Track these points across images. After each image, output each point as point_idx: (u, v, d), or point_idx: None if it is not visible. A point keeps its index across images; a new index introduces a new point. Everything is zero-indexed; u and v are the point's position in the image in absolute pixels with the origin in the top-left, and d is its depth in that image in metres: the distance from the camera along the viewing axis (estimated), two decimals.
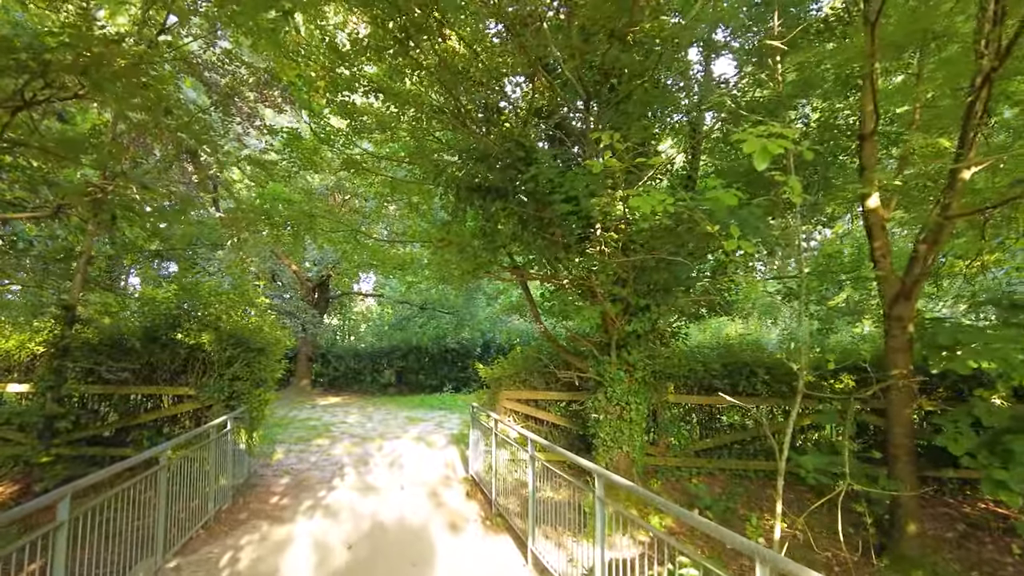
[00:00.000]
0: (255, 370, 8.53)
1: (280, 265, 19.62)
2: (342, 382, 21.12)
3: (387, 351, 21.23)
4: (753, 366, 8.77)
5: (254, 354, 8.54)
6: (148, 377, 8.47)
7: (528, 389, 8.92)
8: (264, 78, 9.40)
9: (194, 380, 8.42)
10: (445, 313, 21.55)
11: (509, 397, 8.93)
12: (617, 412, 7.21)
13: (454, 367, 21.01)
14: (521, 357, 9.15)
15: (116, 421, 8.27)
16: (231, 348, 8.40)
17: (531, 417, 9.10)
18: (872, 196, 6.07)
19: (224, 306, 8.78)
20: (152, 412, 8.35)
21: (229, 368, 8.42)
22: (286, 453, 10.15)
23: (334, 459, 9.89)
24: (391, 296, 23.46)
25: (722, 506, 7.24)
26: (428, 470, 9.33)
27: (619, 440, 7.22)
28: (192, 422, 8.49)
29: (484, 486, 8.05)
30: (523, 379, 9.01)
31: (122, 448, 8.18)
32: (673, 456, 8.62)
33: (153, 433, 8.31)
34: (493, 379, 9.08)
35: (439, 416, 14.33)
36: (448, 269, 9.95)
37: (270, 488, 8.22)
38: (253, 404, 8.46)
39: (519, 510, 7.05)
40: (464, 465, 9.62)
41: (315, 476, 8.89)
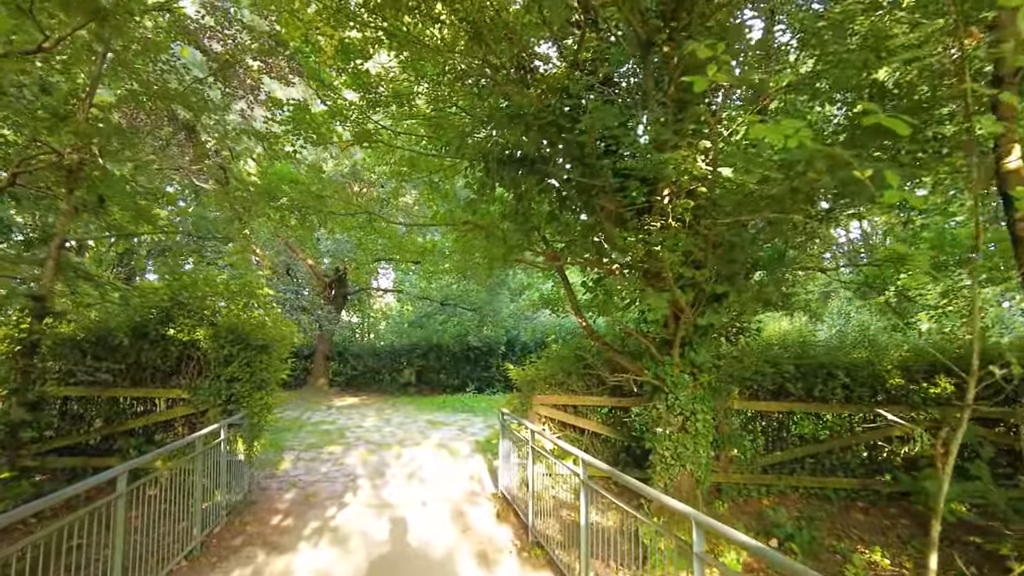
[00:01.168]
0: (256, 370, 7.51)
1: (295, 259, 18.73)
2: (360, 381, 20.21)
3: (407, 349, 20.25)
4: (831, 367, 7.51)
5: (255, 352, 7.52)
6: (136, 378, 7.50)
7: (566, 393, 7.77)
8: (268, 43, 8.38)
9: (187, 382, 7.43)
10: (467, 310, 20.48)
11: (544, 402, 7.79)
12: (679, 423, 6.01)
13: (476, 366, 19.95)
14: (557, 357, 8.00)
15: (101, 428, 7.31)
16: (229, 346, 7.39)
17: (568, 425, 7.94)
18: (1012, 154, 4.79)
19: (221, 298, 7.78)
20: (141, 418, 7.37)
21: (227, 368, 7.41)
22: (294, 462, 9.14)
23: (347, 469, 8.85)
24: (410, 292, 22.46)
25: (806, 536, 6.00)
26: (452, 483, 8.24)
27: (681, 457, 6.03)
28: (187, 428, 7.50)
29: (518, 506, 6.92)
30: (560, 382, 7.86)
31: (107, 458, 7.21)
32: (736, 472, 7.40)
33: (142, 441, 7.33)
34: (525, 382, 7.94)
35: (462, 419, 13.25)
36: (473, 257, 8.84)
37: (272, 505, 7.19)
38: (254, 409, 7.44)
39: (561, 538, 5.90)
40: (492, 478, 8.50)
41: (324, 490, 7.85)
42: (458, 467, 9.04)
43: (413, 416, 13.77)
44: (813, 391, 7.56)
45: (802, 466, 7.67)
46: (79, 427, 7.39)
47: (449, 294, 21.38)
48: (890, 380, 7.42)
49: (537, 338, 20.10)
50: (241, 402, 7.42)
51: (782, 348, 8.13)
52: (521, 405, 7.98)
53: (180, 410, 7.30)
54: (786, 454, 7.63)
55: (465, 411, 14.64)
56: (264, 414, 7.63)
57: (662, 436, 6.09)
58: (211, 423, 7.22)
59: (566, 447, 5.24)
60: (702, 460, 6.15)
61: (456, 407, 15.27)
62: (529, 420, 7.94)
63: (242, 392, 7.43)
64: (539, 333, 20.34)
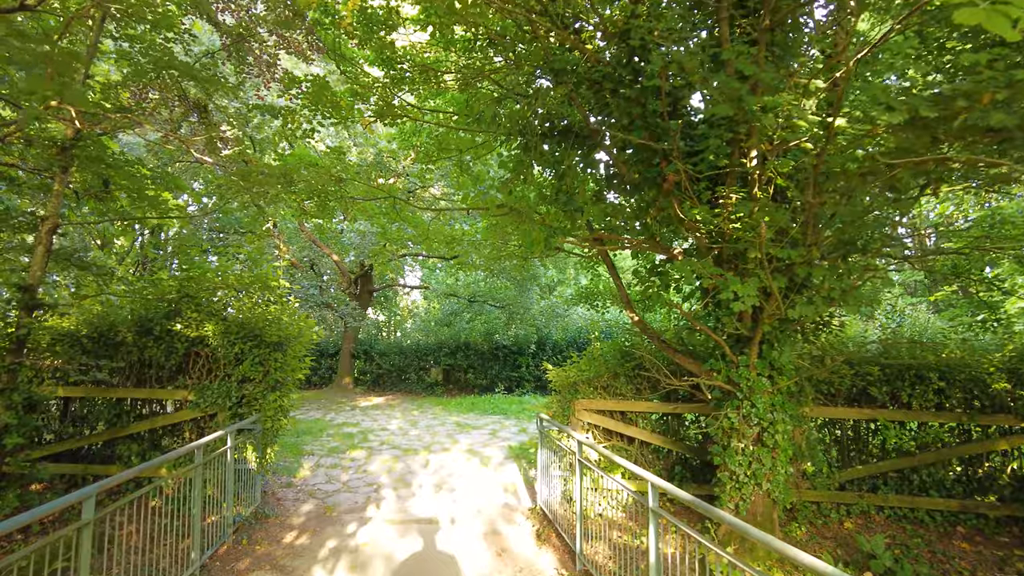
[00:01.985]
0: (270, 370, 6.81)
1: (319, 254, 18.18)
2: (386, 381, 19.59)
3: (433, 348, 19.57)
4: (921, 369, 6.50)
5: (269, 350, 6.82)
6: (140, 378, 6.87)
7: (613, 398, 6.89)
8: (284, 14, 7.69)
9: (194, 382, 6.77)
10: (495, 307, 19.68)
11: (587, 407, 6.92)
12: (755, 434, 5.09)
13: (506, 365, 19.16)
14: (602, 356, 7.12)
15: (102, 432, 6.69)
16: (240, 343, 6.71)
17: (614, 433, 7.06)
18: None
19: (232, 290, 7.11)
20: (144, 421, 6.73)
21: (238, 367, 6.73)
22: (314, 469, 8.44)
23: (370, 478, 8.13)
24: (437, 288, 21.77)
25: (908, 572, 5.02)
26: (484, 496, 7.44)
27: (757, 474, 5.10)
28: (195, 433, 6.84)
29: (560, 525, 6.08)
30: (606, 385, 6.98)
31: (108, 465, 6.60)
32: (810, 489, 6.44)
33: (146, 447, 6.70)
34: (567, 384, 7.08)
35: (492, 423, 12.45)
36: (507, 246, 8.02)
37: (287, 520, 6.48)
38: (267, 412, 6.75)
39: (615, 568, 5.03)
40: (528, 490, 7.68)
41: (345, 502, 7.13)
42: (490, 476, 8.23)
43: (441, 418, 13.03)
44: (899, 396, 6.56)
45: (885, 482, 6.67)
46: (79, 431, 6.78)
47: (477, 291, 20.62)
48: (994, 384, 6.37)
49: (569, 337, 19.21)
50: (253, 405, 6.74)
51: (857, 347, 7.12)
52: (561, 410, 7.13)
53: (186, 413, 6.64)
54: (868, 468, 6.63)
55: (495, 413, 13.84)
56: (279, 418, 6.94)
57: (734, 450, 5.17)
58: (220, 428, 6.56)
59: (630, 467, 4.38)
60: (780, 478, 5.22)
61: (485, 409, 14.49)
62: (571, 427, 7.10)
63: (255, 394, 6.74)
64: (571, 331, 19.45)
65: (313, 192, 7.80)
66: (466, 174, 7.52)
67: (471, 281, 21.87)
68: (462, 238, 8.10)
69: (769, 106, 3.23)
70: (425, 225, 7.94)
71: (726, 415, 5.18)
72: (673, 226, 5.45)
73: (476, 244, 8.13)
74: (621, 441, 7.03)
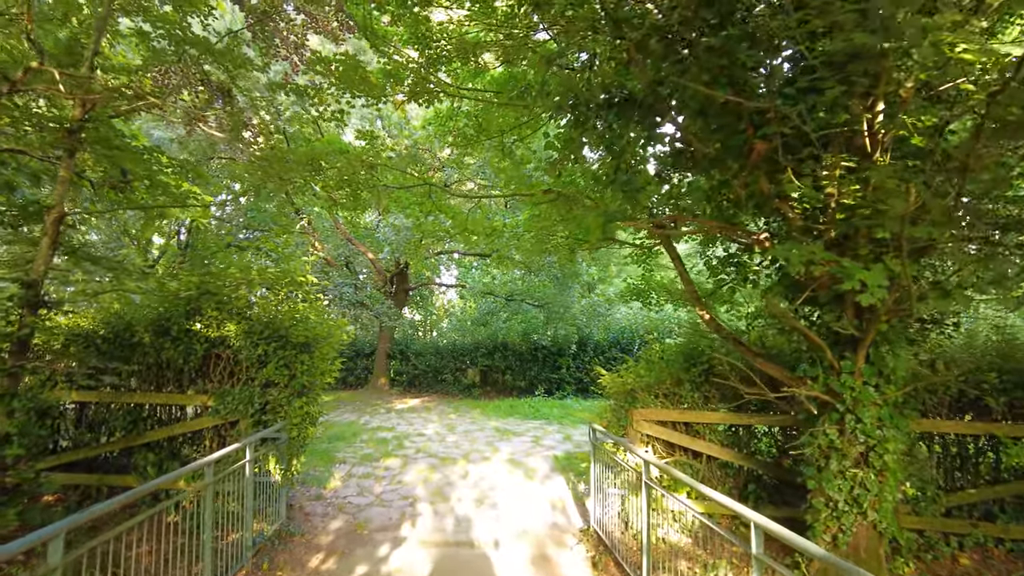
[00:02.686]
0: (297, 373, 6.23)
1: (355, 252, 17.77)
2: (422, 381, 19.07)
3: (470, 348, 18.95)
4: None
5: (295, 352, 6.25)
6: (158, 381, 6.38)
7: (676, 407, 6.06)
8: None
9: (214, 386, 6.24)
10: (534, 306, 18.88)
11: (648, 418, 6.11)
12: (858, 454, 4.22)
13: (545, 367, 18.38)
14: (664, 360, 6.30)
15: (118, 440, 6.22)
16: (264, 344, 6.15)
17: (677, 447, 6.23)
18: None
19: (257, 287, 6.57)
20: (162, 429, 6.23)
21: (261, 371, 6.17)
22: (345, 479, 7.86)
23: (405, 489, 7.49)
24: (474, 287, 21.14)
25: None
26: (530, 513, 6.71)
27: (860, 501, 4.23)
28: (216, 442, 6.31)
29: (619, 552, 5.30)
30: (668, 392, 6.16)
31: (125, 475, 6.12)
32: (910, 514, 5.48)
33: (164, 456, 6.20)
34: (623, 391, 6.30)
35: (534, 428, 11.70)
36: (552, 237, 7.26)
37: (313, 539, 5.88)
38: (293, 420, 6.17)
39: None
40: (578, 507, 6.92)
41: (378, 518, 6.51)
42: (536, 491, 7.50)
43: (479, 423, 12.36)
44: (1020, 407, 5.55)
45: (1002, 509, 5.66)
46: (96, 438, 6.33)
47: (514, 289, 19.88)
48: None
49: (611, 337, 18.31)
50: (278, 412, 6.16)
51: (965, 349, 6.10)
52: (616, 420, 6.34)
53: (205, 421, 6.11)
54: (981, 493, 5.64)
55: (537, 418, 13.09)
56: (306, 427, 6.35)
57: (832, 472, 4.30)
58: (242, 436, 6.01)
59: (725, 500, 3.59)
60: (888, 506, 4.32)
61: (526, 413, 13.75)
62: (627, 438, 6.30)
63: (279, 400, 6.17)
64: (614, 331, 18.54)
65: (343, 181, 7.21)
66: (508, 158, 6.82)
67: (508, 280, 21.19)
68: (503, 230, 7.40)
69: (926, 30, 2.40)
70: (463, 216, 7.27)
71: (823, 431, 4.31)
72: (757, 207, 4.61)
73: (518, 237, 7.41)
74: (685, 456, 6.20)
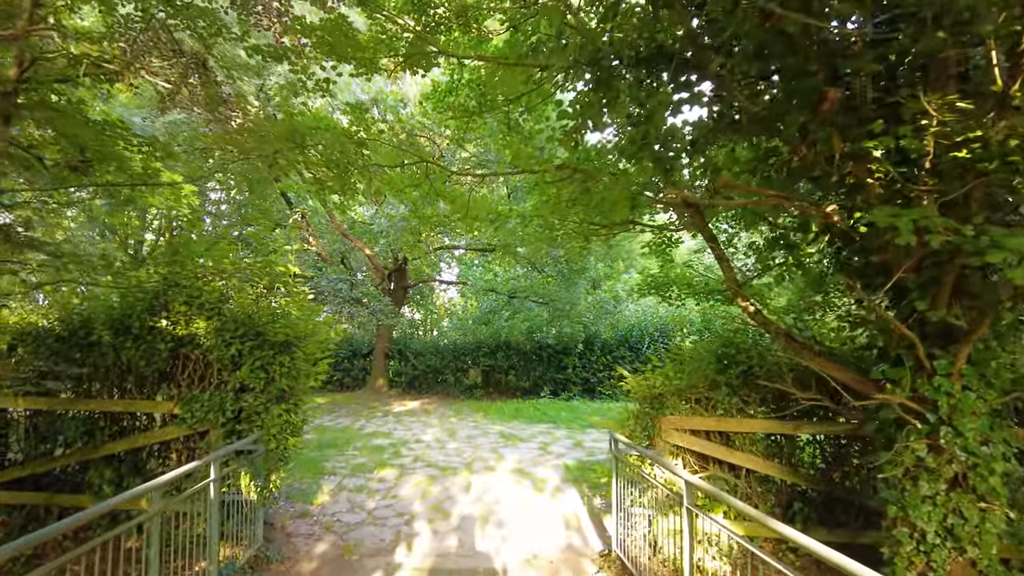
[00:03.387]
0: (275, 376, 5.45)
1: (351, 247, 16.98)
2: (422, 382, 18.30)
3: (471, 348, 18.19)
4: None
5: (274, 352, 5.47)
6: (120, 386, 5.61)
7: (712, 415, 5.27)
8: None
9: (180, 391, 5.46)
10: (538, 303, 18.06)
11: (678, 426, 5.32)
12: (954, 474, 3.43)
13: (550, 367, 17.61)
14: (696, 360, 5.51)
15: (73, 453, 5.44)
16: (238, 342, 5.37)
17: (711, 459, 5.43)
18: None
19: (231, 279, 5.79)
20: (120, 441, 5.44)
21: (234, 374, 5.39)
22: (335, 493, 7.08)
23: (401, 505, 6.72)
24: (475, 284, 20.35)
25: None
26: (541, 533, 5.94)
27: (956, 532, 3.44)
28: (185, 455, 5.53)
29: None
30: (700, 397, 5.37)
31: (79, 495, 5.34)
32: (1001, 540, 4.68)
33: (125, 471, 5.41)
34: (649, 396, 5.50)
35: (541, 433, 10.91)
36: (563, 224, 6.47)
37: (294, 567, 5.11)
38: (271, 429, 5.39)
39: None
40: (595, 526, 6.14)
41: (369, 539, 5.74)
42: (546, 506, 6.72)
43: (482, 427, 11.57)
44: None
45: None
46: (48, 451, 5.55)
47: (517, 287, 19.05)
48: None
49: (619, 335, 17.52)
50: (254, 421, 5.38)
51: None
52: (641, 426, 5.56)
53: (171, 431, 5.33)
54: None
55: (543, 421, 12.30)
56: (286, 437, 5.57)
57: (918, 496, 3.51)
58: (212, 448, 5.24)
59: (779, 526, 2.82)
60: (991, 539, 3.53)
61: (531, 416, 12.96)
62: (652, 448, 5.52)
63: (255, 406, 5.39)
64: (622, 329, 17.74)
65: (331, 161, 6.43)
66: (514, 132, 6.04)
67: (510, 277, 20.39)
68: (509, 214, 6.62)
69: None
70: (464, 198, 6.49)
71: (909, 446, 3.52)
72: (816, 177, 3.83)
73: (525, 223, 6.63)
74: (720, 469, 5.41)
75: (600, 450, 9.31)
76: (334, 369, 18.91)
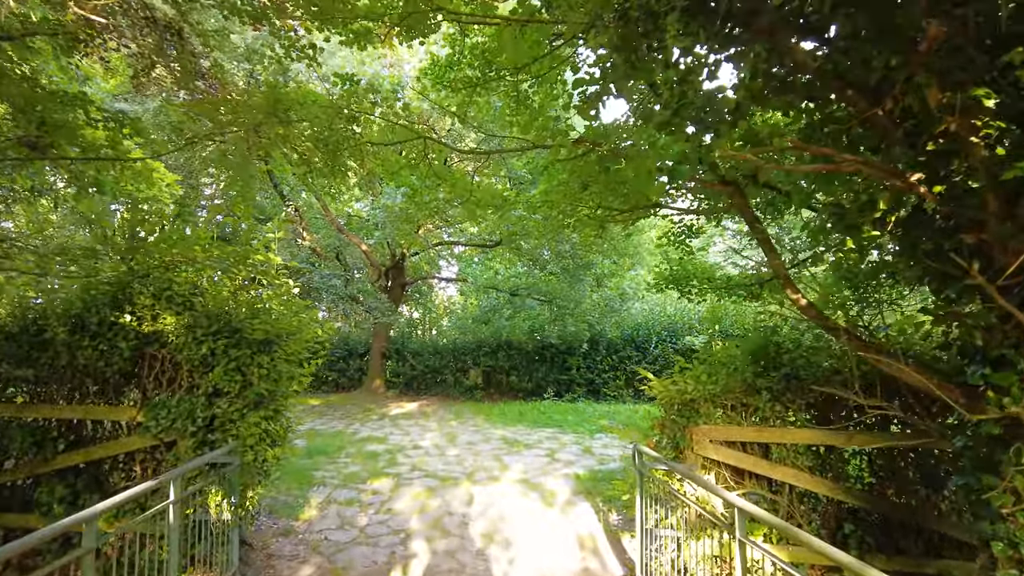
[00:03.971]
0: (252, 379, 4.80)
1: (345, 242, 16.31)
2: (420, 383, 17.64)
3: (472, 347, 17.54)
4: None
5: (251, 351, 4.82)
6: (79, 390, 4.95)
7: (751, 424, 4.62)
8: None
9: (144, 396, 4.80)
10: (540, 300, 17.37)
11: (713, 436, 4.68)
12: None
13: (553, 367, 16.97)
14: (732, 362, 4.85)
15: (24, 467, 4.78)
16: (210, 340, 4.71)
17: (747, 473, 4.78)
18: None
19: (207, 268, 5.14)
20: (75, 452, 4.78)
21: (206, 376, 4.74)
22: (324, 506, 6.43)
23: (396, 521, 6.07)
24: (475, 282, 19.68)
25: None
26: (553, 554, 5.29)
27: None
28: (150, 467, 4.87)
29: None
30: (736, 404, 4.72)
31: (28, 514, 4.68)
32: None
33: (83, 488, 4.75)
34: (680, 402, 4.85)
35: (547, 438, 10.25)
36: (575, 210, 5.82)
37: None
38: (247, 440, 4.73)
39: None
40: (613, 545, 5.49)
41: (360, 561, 5.09)
42: (557, 522, 6.07)
43: (484, 431, 10.91)
44: None
45: None
46: None
47: (518, 284, 18.35)
48: None
49: (626, 334, 16.86)
50: (229, 430, 4.73)
51: None
52: (670, 439, 4.91)
53: (134, 441, 4.67)
54: None
55: (548, 425, 11.64)
56: (264, 448, 4.91)
57: None
58: (182, 461, 4.59)
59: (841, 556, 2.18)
60: None
61: (536, 420, 12.30)
62: (682, 461, 4.87)
63: (230, 413, 4.73)
64: (628, 327, 17.08)
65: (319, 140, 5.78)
66: (523, 107, 5.40)
67: (511, 275, 19.73)
68: (515, 199, 5.98)
69: None
70: (467, 180, 5.84)
71: (1016, 466, 2.88)
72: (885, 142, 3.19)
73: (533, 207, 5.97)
74: (759, 485, 4.76)
75: (611, 457, 8.67)
76: (329, 369, 18.23)
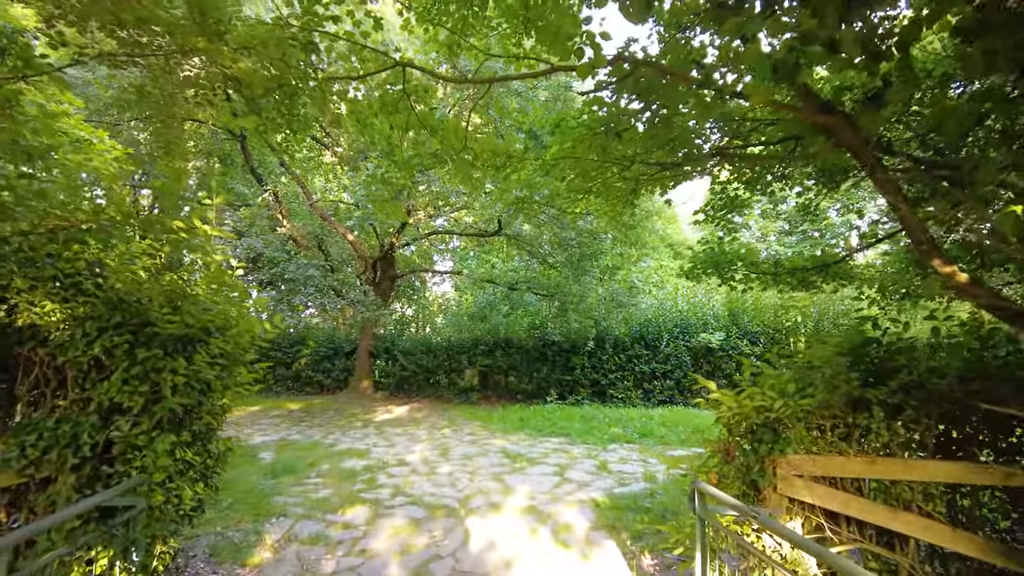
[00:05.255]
0: (164, 390, 3.45)
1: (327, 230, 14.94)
2: (411, 384, 16.33)
3: (467, 345, 16.25)
4: None
5: (163, 351, 3.47)
6: None
7: (860, 452, 3.29)
8: None
9: (6, 415, 3.45)
10: (540, 295, 16.01)
11: (805, 470, 3.35)
12: None
13: (556, 366, 15.67)
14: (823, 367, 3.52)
15: None
16: (105, 337, 3.37)
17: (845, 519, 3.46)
18: None
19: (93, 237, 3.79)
20: None
21: (99, 385, 3.39)
22: (281, 545, 5.08)
23: (369, 568, 4.72)
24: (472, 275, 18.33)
25: None
26: None
27: None
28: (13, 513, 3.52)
29: None
30: (838, 424, 3.39)
31: None
32: None
33: None
34: (761, 422, 3.51)
35: (554, 451, 8.91)
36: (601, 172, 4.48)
37: None
38: (156, 474, 3.39)
39: None
40: None
41: None
42: (577, 570, 4.73)
43: (481, 443, 9.56)
44: None
45: None
46: None
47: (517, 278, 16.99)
48: None
49: (634, 331, 15.54)
50: (132, 459, 3.38)
51: None
52: (740, 471, 3.58)
53: None
54: None
55: (554, 434, 10.31)
56: (183, 486, 3.56)
57: None
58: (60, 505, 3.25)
59: None
60: None
61: (540, 426, 10.96)
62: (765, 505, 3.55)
63: (133, 437, 3.38)
64: (636, 324, 15.76)
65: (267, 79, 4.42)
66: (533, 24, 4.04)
67: (509, 268, 18.43)
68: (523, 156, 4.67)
69: None
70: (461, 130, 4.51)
71: None
72: None
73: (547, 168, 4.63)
74: (860, 536, 3.43)
75: (631, 476, 7.35)
76: (312, 370, 16.88)
